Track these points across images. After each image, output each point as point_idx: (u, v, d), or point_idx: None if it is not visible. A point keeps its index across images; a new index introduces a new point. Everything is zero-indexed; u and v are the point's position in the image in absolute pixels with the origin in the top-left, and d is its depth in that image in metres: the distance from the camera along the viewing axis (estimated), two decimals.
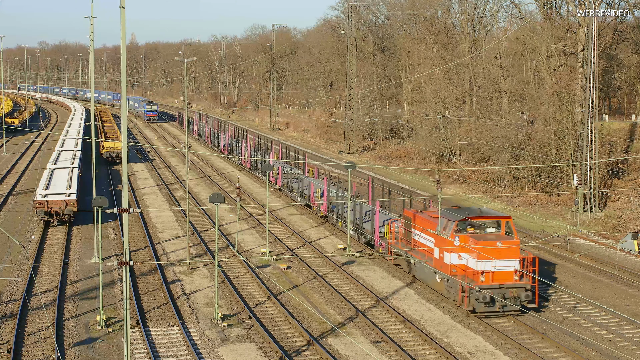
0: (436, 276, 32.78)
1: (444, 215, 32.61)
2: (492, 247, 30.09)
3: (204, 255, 40.80)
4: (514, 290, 29.99)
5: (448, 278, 31.59)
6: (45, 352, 26.60)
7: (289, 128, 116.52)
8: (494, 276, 30.12)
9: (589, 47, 50.36)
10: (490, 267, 30.02)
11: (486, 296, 29.57)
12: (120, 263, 22.66)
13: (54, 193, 47.45)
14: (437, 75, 78.64)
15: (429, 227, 33.68)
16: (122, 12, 21.84)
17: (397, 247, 37.27)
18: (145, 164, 79.23)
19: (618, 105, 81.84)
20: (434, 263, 32.86)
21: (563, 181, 58.48)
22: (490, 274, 30.05)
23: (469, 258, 30.58)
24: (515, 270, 30.38)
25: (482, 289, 29.71)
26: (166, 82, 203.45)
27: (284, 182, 59.21)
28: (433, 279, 33.21)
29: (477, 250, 30.13)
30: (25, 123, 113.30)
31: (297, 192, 55.22)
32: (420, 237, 34.69)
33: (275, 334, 28.60)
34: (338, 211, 46.63)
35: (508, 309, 30.11)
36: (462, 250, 30.98)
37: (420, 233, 34.68)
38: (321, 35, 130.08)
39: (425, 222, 34.28)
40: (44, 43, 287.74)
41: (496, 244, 30.20)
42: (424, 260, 33.85)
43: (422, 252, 34.38)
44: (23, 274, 36.16)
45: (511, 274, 30.30)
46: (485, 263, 29.98)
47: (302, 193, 54.14)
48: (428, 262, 33.39)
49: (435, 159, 73.79)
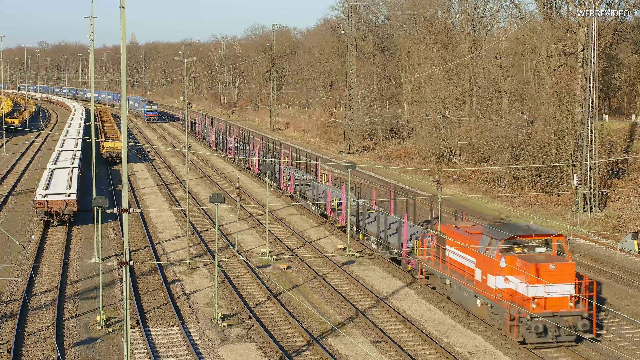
0: (477, 300, 29.56)
1: (488, 232, 29.42)
2: (544, 269, 26.87)
3: (204, 255, 40.80)
4: (569, 318, 26.90)
5: (492, 304, 28.42)
6: (45, 352, 26.60)
7: (289, 128, 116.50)
8: (547, 302, 26.94)
9: (589, 47, 50.36)
10: (542, 293, 26.83)
11: (539, 326, 26.40)
12: (120, 263, 22.65)
13: (54, 193, 47.45)
14: (437, 75, 78.64)
15: (468, 244, 30.51)
16: (122, 12, 21.84)
17: (429, 265, 33.82)
18: (145, 164, 79.22)
19: (618, 105, 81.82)
20: (474, 285, 29.66)
21: (563, 181, 58.48)
22: (542, 300, 26.90)
23: (518, 282, 27.32)
24: (571, 296, 27.22)
25: (534, 318, 26.58)
26: (166, 82, 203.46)
27: (296, 189, 55.54)
28: (473, 304, 29.97)
29: (527, 273, 26.91)
30: (25, 123, 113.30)
31: (312, 200, 51.53)
32: (457, 256, 31.54)
33: (275, 334, 28.60)
34: (359, 222, 42.80)
35: (562, 340, 26.99)
36: (509, 273, 27.82)
37: (456, 251, 31.55)
38: (321, 35, 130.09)
39: (463, 239, 31.13)
40: (44, 43, 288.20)
41: (549, 266, 26.97)
42: (462, 281, 30.67)
43: (459, 273, 31.20)
44: (23, 274, 36.16)
45: (566, 300, 27.14)
46: (537, 288, 26.78)
47: (317, 201, 50.59)
48: (468, 284, 30.17)
49: (435, 159, 73.80)
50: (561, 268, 27.06)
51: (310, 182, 55.68)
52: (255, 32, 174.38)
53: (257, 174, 68.31)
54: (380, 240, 39.23)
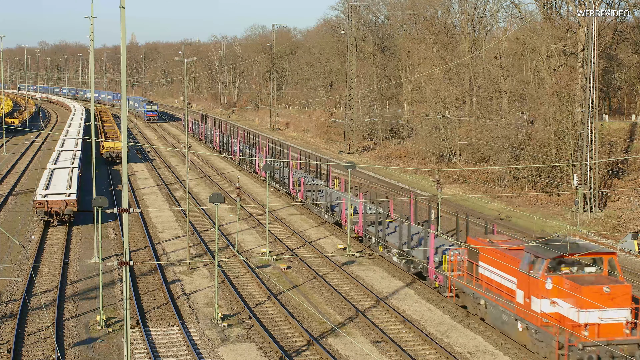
0: (518, 324, 26.98)
1: (531, 250, 26.72)
2: (597, 292, 24.35)
3: (204, 255, 40.80)
4: (626, 347, 24.26)
5: (537, 329, 25.75)
6: (45, 352, 26.60)
7: (289, 128, 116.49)
8: (600, 329, 24.30)
9: (589, 47, 50.36)
10: (595, 319, 24.25)
11: (592, 356, 23.92)
12: (120, 263, 22.66)
13: (54, 193, 47.44)
14: (437, 75, 78.65)
15: (506, 262, 27.93)
16: (122, 12, 21.84)
17: (460, 283, 31.15)
18: (145, 164, 79.22)
19: (618, 105, 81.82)
20: (515, 308, 27.06)
21: (563, 181, 58.48)
22: (595, 327, 24.28)
23: (568, 306, 24.78)
24: (627, 322, 24.58)
25: (586, 347, 23.99)
26: (166, 82, 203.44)
27: (306, 195, 52.56)
28: (513, 328, 27.37)
29: (579, 296, 24.33)
30: (25, 123, 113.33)
31: (325, 207, 48.40)
32: (492, 274, 29.00)
33: (275, 334, 28.60)
34: (378, 233, 39.71)
35: None
36: (557, 295, 25.30)
37: (492, 268, 29.02)
38: (321, 35, 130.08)
39: (500, 255, 28.49)
40: (44, 43, 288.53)
41: (603, 288, 24.36)
42: (500, 302, 28.11)
43: (496, 292, 28.59)
44: (23, 274, 36.15)
45: (621, 326, 24.51)
46: (589, 313, 24.21)
47: (331, 209, 47.46)
48: (507, 306, 27.57)
49: (435, 159, 73.80)
50: (616, 291, 24.47)
51: (322, 187, 53.35)
52: (255, 32, 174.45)
53: (264, 179, 64.92)
54: (403, 253, 36.11)
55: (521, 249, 27.81)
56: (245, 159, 73.32)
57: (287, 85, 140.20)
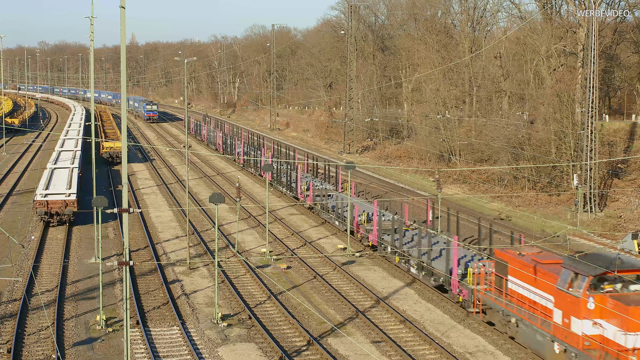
0: (555, 346, 25.03)
1: (571, 266, 24.54)
2: None
3: (204, 255, 40.80)
4: None
5: (577, 353, 23.77)
6: (45, 352, 26.60)
7: (289, 128, 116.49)
8: None
9: (589, 47, 50.36)
10: None
11: None
12: (120, 263, 22.66)
13: (54, 193, 47.44)
14: (437, 75, 78.65)
15: (540, 277, 26.08)
16: (122, 12, 21.84)
17: (488, 298, 29.11)
18: (145, 164, 79.22)
19: (618, 105, 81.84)
20: (552, 328, 25.12)
21: (563, 181, 58.48)
22: None
23: (614, 329, 22.72)
24: None
25: None
26: (166, 82, 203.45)
27: (315, 200, 50.30)
28: (549, 349, 25.39)
29: (626, 316, 22.28)
30: (25, 123, 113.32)
31: (336, 214, 46.52)
32: (524, 290, 27.07)
33: (275, 334, 28.60)
34: (394, 242, 37.63)
35: None
36: (599, 316, 23.24)
37: (523, 283, 27.10)
38: (321, 35, 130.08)
39: (533, 270, 26.53)
40: (44, 43, 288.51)
41: None
42: (533, 321, 26.14)
43: (528, 310, 26.65)
44: (23, 274, 36.16)
45: None
46: (638, 337, 22.25)
47: (342, 216, 45.12)
48: (542, 325, 25.69)
49: (435, 159, 73.80)
50: None
51: (332, 192, 51.65)
52: (255, 32, 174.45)
53: (270, 182, 60.88)
54: (422, 264, 34.20)
55: (556, 263, 26.12)
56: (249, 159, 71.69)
57: (287, 85, 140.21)
